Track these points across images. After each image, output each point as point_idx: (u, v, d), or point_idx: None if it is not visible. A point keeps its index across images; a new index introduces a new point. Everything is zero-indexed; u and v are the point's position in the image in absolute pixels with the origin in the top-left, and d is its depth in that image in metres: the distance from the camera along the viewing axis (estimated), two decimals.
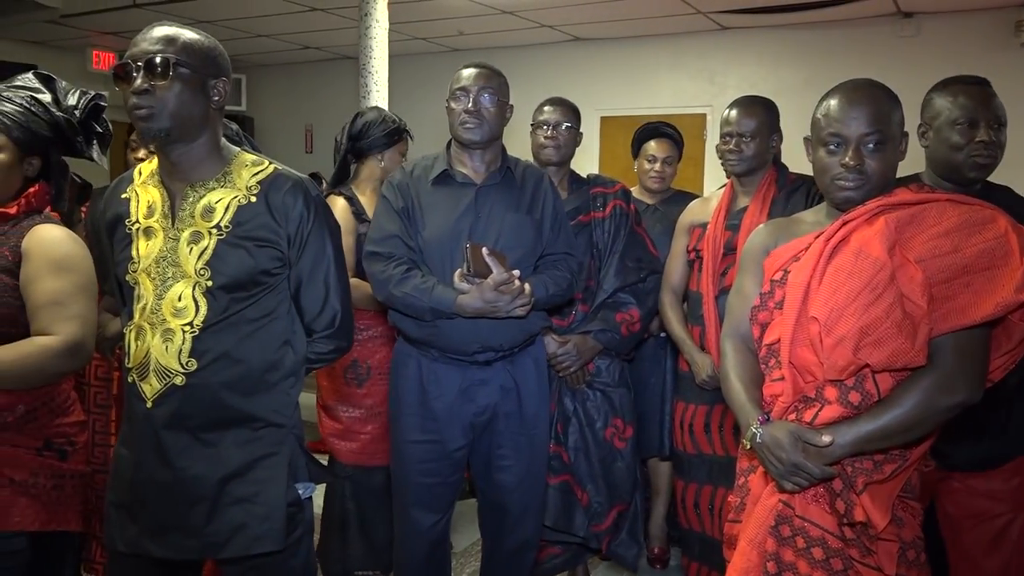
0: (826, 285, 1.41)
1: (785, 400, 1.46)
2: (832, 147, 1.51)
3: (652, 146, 3.12)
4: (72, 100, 1.81)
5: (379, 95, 4.79)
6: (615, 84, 6.50)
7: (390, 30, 4.88)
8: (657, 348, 2.94)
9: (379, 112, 2.83)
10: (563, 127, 2.55)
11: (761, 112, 2.37)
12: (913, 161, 1.79)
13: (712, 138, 6.19)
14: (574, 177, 2.65)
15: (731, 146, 2.38)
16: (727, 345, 1.64)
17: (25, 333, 1.67)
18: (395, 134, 2.74)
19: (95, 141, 1.87)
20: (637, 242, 2.59)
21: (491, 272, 2.02)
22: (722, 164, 2.43)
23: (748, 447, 1.49)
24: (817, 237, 1.50)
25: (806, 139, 1.60)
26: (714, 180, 5.99)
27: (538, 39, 6.54)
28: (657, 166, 3.09)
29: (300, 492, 1.64)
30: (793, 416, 1.45)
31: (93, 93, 1.85)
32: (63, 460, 1.73)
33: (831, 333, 1.37)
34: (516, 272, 2.05)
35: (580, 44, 6.63)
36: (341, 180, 2.76)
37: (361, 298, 2.42)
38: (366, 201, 2.69)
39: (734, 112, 2.38)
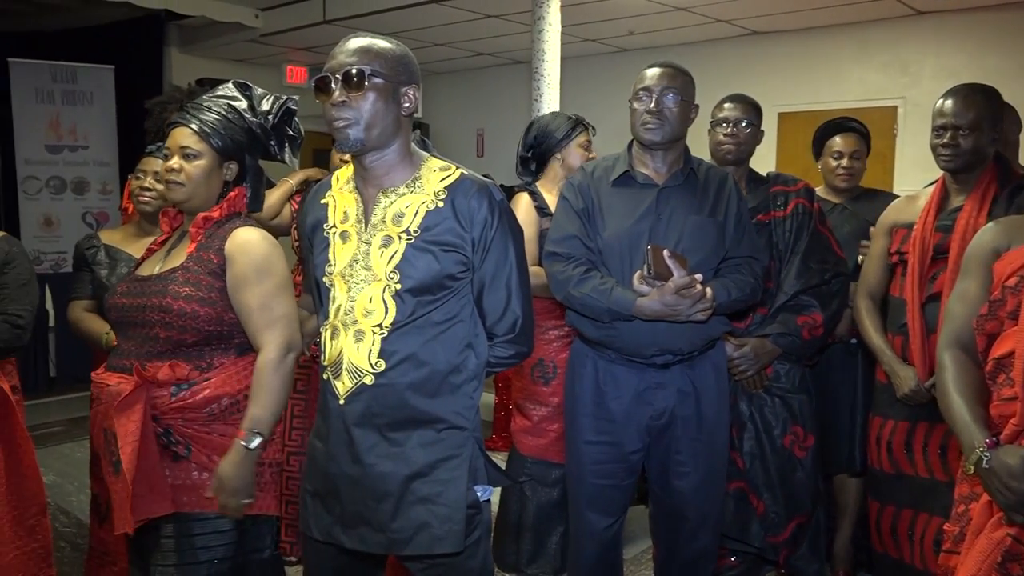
0: None
1: (1018, 422, 1.30)
2: None
3: (837, 141, 2.91)
4: (266, 106, 1.90)
5: (551, 98, 4.81)
6: (794, 78, 6.17)
7: (561, 33, 4.89)
8: (847, 356, 2.75)
9: (550, 115, 2.93)
10: (743, 125, 2.45)
11: (981, 102, 2.13)
12: None
13: (904, 132, 5.73)
14: (753, 176, 2.54)
15: (945, 140, 2.15)
16: (946, 356, 1.49)
17: (229, 332, 1.80)
18: (568, 128, 2.80)
19: (287, 144, 1.96)
20: (821, 242, 2.44)
21: (672, 275, 1.97)
22: (935, 160, 2.22)
23: (971, 471, 1.34)
24: None
25: None
26: (905, 178, 5.55)
27: (712, 35, 6.33)
28: (845, 162, 2.89)
29: (479, 495, 1.66)
30: None
31: (285, 97, 1.93)
32: (262, 449, 1.84)
33: None
34: (698, 276, 1.98)
35: (757, 38, 6.35)
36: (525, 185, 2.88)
37: (542, 287, 2.43)
38: (550, 198, 2.77)
39: (950, 102, 2.16)
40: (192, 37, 7.10)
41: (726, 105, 2.50)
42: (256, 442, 1.71)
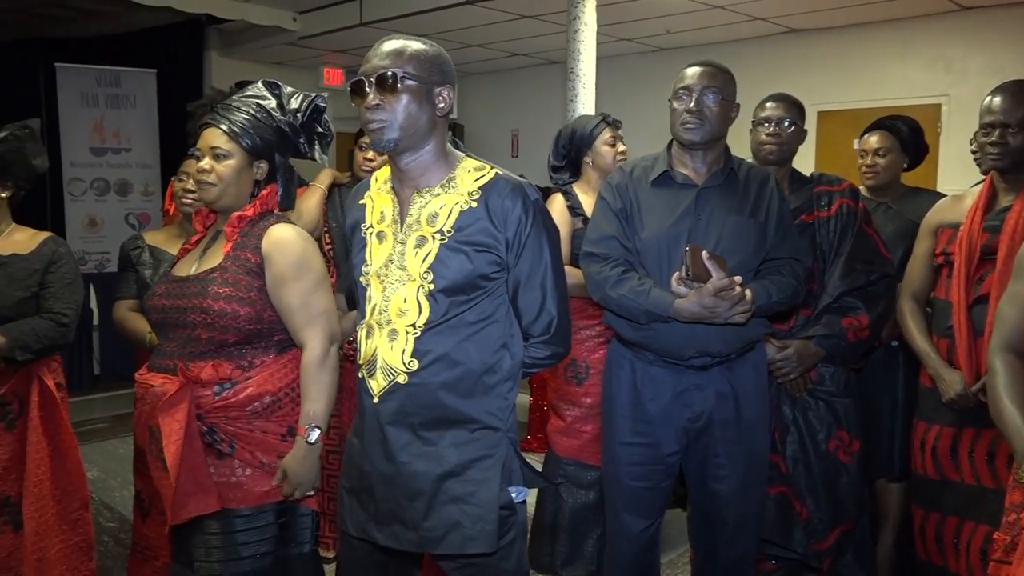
0: None
1: None
2: None
3: (864, 139, 2.93)
4: (295, 104, 1.91)
5: (586, 98, 4.79)
6: (835, 76, 6.08)
7: (597, 32, 4.87)
8: (888, 358, 2.69)
9: (575, 120, 2.97)
10: (786, 124, 2.41)
11: None
12: None
13: (948, 131, 5.61)
14: (795, 176, 2.50)
15: (994, 138, 2.10)
16: (997, 360, 1.45)
17: (268, 330, 1.82)
18: (591, 127, 2.84)
19: (316, 141, 1.97)
20: (866, 243, 2.39)
21: (710, 276, 1.94)
22: (977, 158, 2.17)
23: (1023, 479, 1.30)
24: None
25: None
26: (949, 177, 5.43)
27: (750, 33, 6.26)
28: (868, 159, 2.88)
29: (513, 496, 1.65)
30: None
31: (313, 95, 1.94)
32: (322, 441, 1.85)
33: None
34: (737, 278, 1.95)
35: (796, 36, 6.27)
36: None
37: (575, 286, 2.42)
38: (586, 200, 2.79)
39: (998, 99, 2.10)
40: (231, 41, 7.21)
41: (768, 104, 2.46)
42: (315, 435, 1.78)
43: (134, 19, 6.70)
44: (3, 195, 2.21)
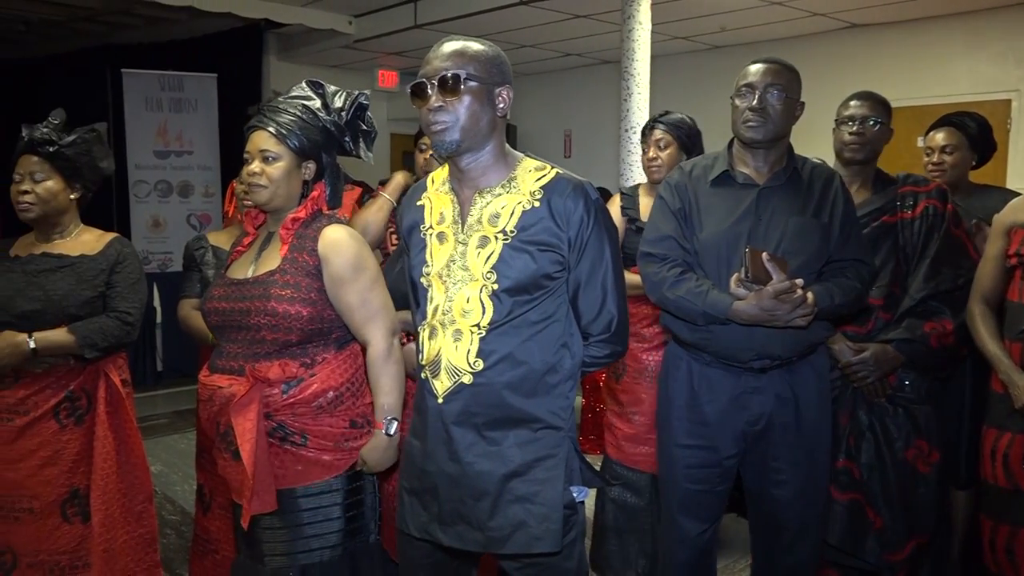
0: None
1: None
2: None
3: (931, 137, 2.86)
4: (339, 103, 1.94)
5: (640, 98, 4.75)
6: (899, 72, 5.90)
7: (651, 31, 4.82)
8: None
9: None
10: (871, 123, 2.33)
11: None
12: None
13: (1019, 127, 5.41)
14: (880, 176, 2.41)
15: None
16: None
17: (328, 328, 1.86)
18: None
19: (361, 139, 1.99)
20: (954, 246, 2.31)
21: (770, 279, 1.90)
22: None
23: None
24: None
25: None
26: (1019, 174, 5.25)
27: (808, 29, 6.12)
28: (935, 157, 2.82)
29: (575, 495, 1.65)
30: None
31: (356, 92, 1.96)
32: (364, 433, 1.90)
33: None
34: (799, 281, 1.91)
35: (857, 31, 6.11)
36: None
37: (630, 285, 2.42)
38: (644, 200, 2.82)
39: None
40: (289, 45, 7.34)
41: (852, 103, 2.39)
42: (394, 427, 1.84)
43: (196, 25, 6.88)
44: (72, 196, 2.28)
